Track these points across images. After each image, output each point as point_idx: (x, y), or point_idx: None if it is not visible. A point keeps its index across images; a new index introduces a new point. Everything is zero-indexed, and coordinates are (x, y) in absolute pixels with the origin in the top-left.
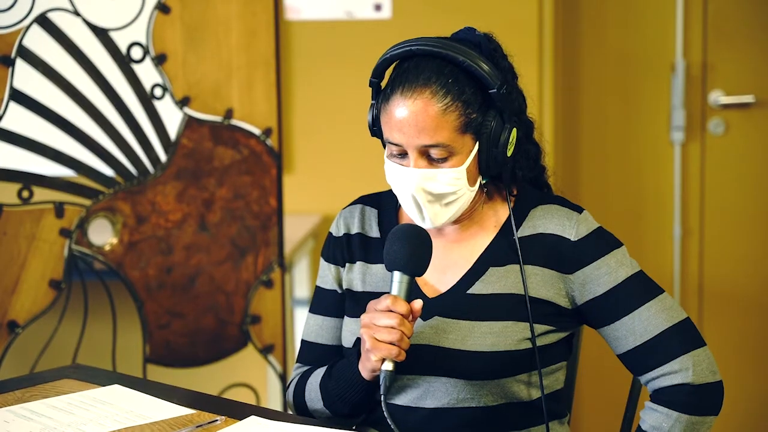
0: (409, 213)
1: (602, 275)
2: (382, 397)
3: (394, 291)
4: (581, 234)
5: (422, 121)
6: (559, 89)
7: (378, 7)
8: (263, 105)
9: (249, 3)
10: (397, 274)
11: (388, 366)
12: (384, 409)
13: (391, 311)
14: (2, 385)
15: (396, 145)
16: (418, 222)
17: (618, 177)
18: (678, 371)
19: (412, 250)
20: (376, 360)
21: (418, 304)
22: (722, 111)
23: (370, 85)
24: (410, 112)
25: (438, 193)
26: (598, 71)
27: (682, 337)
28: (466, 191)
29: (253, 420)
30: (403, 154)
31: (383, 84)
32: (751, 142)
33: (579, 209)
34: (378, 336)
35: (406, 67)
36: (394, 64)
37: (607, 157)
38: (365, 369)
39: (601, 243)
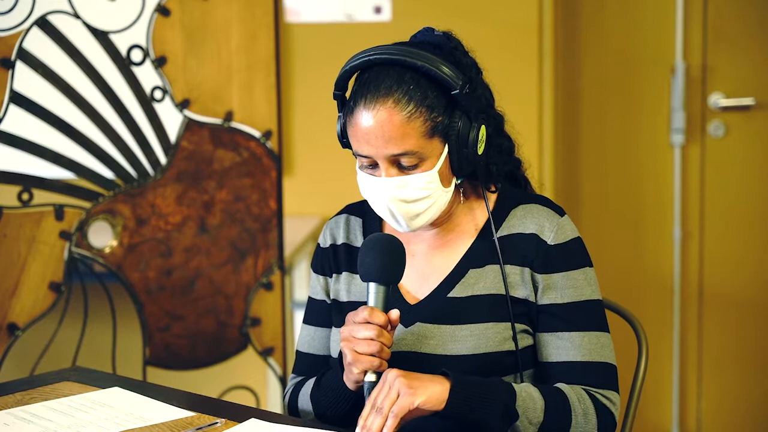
0: (386, 220)
1: (567, 287)
2: None
3: (371, 302)
4: (559, 240)
5: (388, 131)
6: (559, 90)
7: (378, 10)
8: (263, 107)
9: (249, 5)
10: (372, 285)
11: (371, 377)
12: None
13: (369, 323)
14: (2, 387)
15: (365, 156)
16: (396, 228)
17: (618, 179)
18: (611, 399)
19: (384, 260)
20: (358, 372)
21: (395, 314)
22: (722, 113)
23: (334, 98)
24: (375, 123)
25: (412, 199)
26: (598, 73)
27: (616, 379)
28: (440, 194)
29: (253, 422)
30: (373, 165)
31: (348, 95)
32: (751, 144)
33: (561, 212)
34: (358, 348)
35: (367, 77)
36: (355, 76)
37: (607, 159)
38: (349, 381)
39: (575, 255)
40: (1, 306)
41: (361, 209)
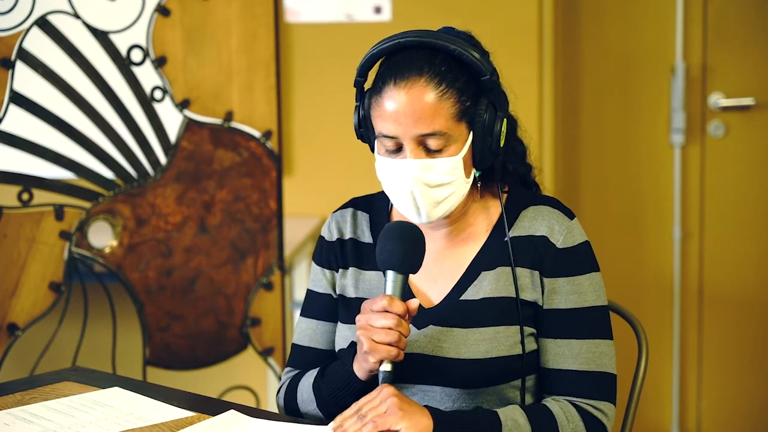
0: (404, 209)
1: (572, 292)
2: None
3: (389, 291)
4: (567, 243)
5: (419, 109)
6: (559, 90)
7: (378, 10)
8: (263, 107)
9: (249, 5)
10: (390, 274)
11: (386, 367)
12: None
13: (387, 312)
14: (2, 387)
15: (391, 138)
16: (413, 218)
17: (618, 179)
18: (603, 411)
19: (405, 248)
20: (374, 362)
21: (414, 303)
22: (722, 113)
23: (355, 85)
24: (406, 101)
25: (436, 183)
26: (598, 73)
27: (613, 389)
28: (462, 182)
29: (232, 414)
30: (398, 149)
31: (366, 85)
32: (750, 144)
33: (571, 215)
34: (376, 337)
35: (395, 60)
36: (379, 62)
37: (607, 159)
38: (362, 370)
39: (583, 260)
40: (1, 306)
41: (367, 204)
